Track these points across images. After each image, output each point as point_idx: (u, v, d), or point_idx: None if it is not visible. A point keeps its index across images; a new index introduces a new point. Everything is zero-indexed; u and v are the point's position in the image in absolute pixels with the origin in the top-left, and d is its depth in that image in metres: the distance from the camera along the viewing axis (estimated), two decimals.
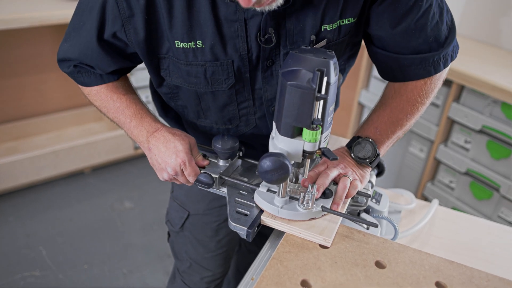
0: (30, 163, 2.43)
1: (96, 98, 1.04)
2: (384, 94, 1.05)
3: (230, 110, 1.01)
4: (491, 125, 1.94)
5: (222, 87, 0.95)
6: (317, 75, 0.74)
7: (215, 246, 1.26)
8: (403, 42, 0.93)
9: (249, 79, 0.95)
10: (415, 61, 0.95)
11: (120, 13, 0.86)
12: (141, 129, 0.99)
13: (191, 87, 0.96)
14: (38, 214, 2.39)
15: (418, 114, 1.02)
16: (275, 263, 0.78)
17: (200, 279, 1.32)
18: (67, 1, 2.32)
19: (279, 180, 0.78)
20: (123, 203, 2.54)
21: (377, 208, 1.04)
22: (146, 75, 2.65)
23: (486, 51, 2.25)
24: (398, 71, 0.98)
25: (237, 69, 0.92)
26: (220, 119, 1.03)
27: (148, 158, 1.00)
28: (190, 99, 1.01)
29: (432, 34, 0.93)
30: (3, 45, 2.48)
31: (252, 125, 1.04)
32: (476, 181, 2.08)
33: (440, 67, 0.97)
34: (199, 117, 1.05)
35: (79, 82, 1.03)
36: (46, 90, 2.75)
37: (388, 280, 0.76)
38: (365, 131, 1.02)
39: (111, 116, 1.04)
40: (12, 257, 2.11)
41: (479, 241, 1.08)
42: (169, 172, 0.96)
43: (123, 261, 2.15)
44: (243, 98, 0.99)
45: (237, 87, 0.96)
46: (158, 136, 0.97)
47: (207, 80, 0.93)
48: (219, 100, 0.98)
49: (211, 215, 1.21)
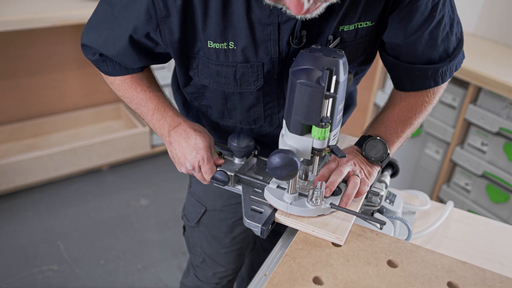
0: (49, 160, 2.49)
1: (119, 88, 1.05)
2: (393, 94, 1.07)
3: (256, 110, 1.02)
4: (508, 127, 1.92)
5: (251, 88, 0.96)
6: (326, 74, 0.75)
7: (229, 242, 1.28)
8: (415, 51, 0.95)
9: (276, 80, 0.96)
10: (425, 72, 0.98)
11: (156, 13, 0.86)
12: (163, 123, 1.01)
13: (219, 87, 0.97)
14: (56, 210, 2.45)
15: (426, 113, 1.04)
16: (288, 259, 0.79)
17: (212, 274, 1.34)
18: (87, 1, 2.37)
19: (288, 176, 0.80)
20: (139, 200, 2.57)
21: (391, 209, 1.04)
22: (164, 74, 2.69)
23: (503, 52, 2.23)
24: (408, 80, 1.01)
25: (267, 72, 0.93)
26: (244, 119, 1.05)
27: (168, 151, 1.02)
28: (216, 99, 1.02)
29: (442, 45, 0.95)
30: (24, 44, 2.53)
31: (275, 124, 1.06)
32: (493, 183, 2.06)
33: (446, 78, 1.01)
34: (223, 117, 1.07)
35: (103, 71, 1.03)
36: (65, 88, 2.80)
37: (400, 279, 0.77)
38: (375, 130, 1.03)
39: (133, 107, 1.05)
40: (30, 251, 2.16)
41: (494, 244, 1.08)
42: (187, 167, 0.99)
43: (138, 257, 2.18)
44: (270, 99, 1.00)
45: (265, 88, 0.97)
46: (180, 131, 0.99)
47: (236, 81, 0.94)
48: (246, 101, 1.00)
49: (228, 212, 1.23)
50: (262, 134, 1.09)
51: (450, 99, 2.14)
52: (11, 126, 2.67)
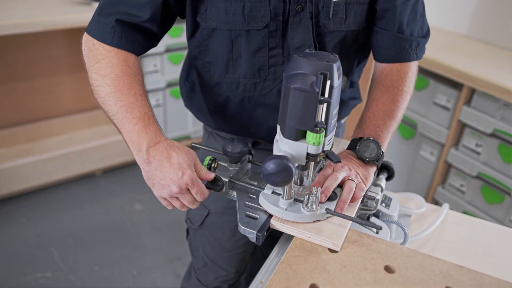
0: (42, 165, 2.46)
1: (113, 83, 0.92)
2: (372, 91, 1.11)
3: (261, 56, 1.03)
4: (502, 128, 1.92)
5: (258, 25, 0.99)
6: (320, 79, 0.75)
7: (232, 246, 1.28)
8: (402, 19, 1.04)
9: (281, 23, 1.00)
10: (410, 43, 1.06)
11: None
12: (143, 137, 0.90)
13: (228, 26, 0.99)
14: (50, 216, 2.42)
15: (406, 103, 1.10)
16: (284, 267, 0.78)
17: (214, 278, 1.33)
18: (79, 5, 2.35)
19: (282, 182, 0.79)
20: (133, 205, 2.56)
21: (387, 212, 1.03)
22: (157, 78, 2.67)
23: (496, 53, 2.24)
24: (393, 51, 1.08)
25: (273, 8, 0.97)
26: (249, 70, 1.05)
27: (145, 172, 0.92)
28: (222, 47, 1.04)
29: (420, 20, 1.07)
30: (17, 49, 2.51)
31: (279, 78, 1.07)
32: (488, 185, 2.07)
33: (421, 55, 1.10)
34: (227, 71, 1.07)
35: (107, 41, 0.95)
36: (59, 93, 2.78)
37: (398, 285, 0.76)
38: (364, 131, 1.05)
39: (115, 109, 0.92)
40: (24, 258, 2.13)
41: (490, 246, 1.08)
42: (172, 190, 0.88)
43: (133, 263, 2.17)
44: (274, 44, 1.02)
45: (271, 28, 1.00)
46: (161, 149, 0.90)
47: (245, 17, 0.97)
48: (252, 43, 1.01)
49: (230, 215, 1.23)
50: (265, 96, 1.09)
51: (444, 101, 2.15)
52: (4, 132, 2.64)
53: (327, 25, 1.01)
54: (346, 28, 1.02)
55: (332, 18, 1.00)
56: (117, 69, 0.94)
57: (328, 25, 1.01)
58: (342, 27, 1.02)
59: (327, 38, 1.03)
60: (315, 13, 1.00)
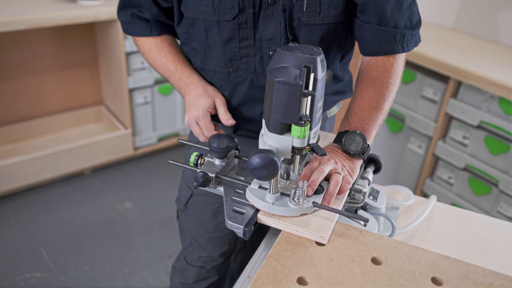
0: (30, 165, 2.44)
1: (149, 52, 1.21)
2: (358, 84, 1.10)
3: (232, 46, 1.06)
4: (489, 120, 1.94)
5: (227, 17, 1.02)
6: (304, 72, 0.74)
7: (213, 228, 1.31)
8: (385, 12, 1.02)
9: (252, 15, 1.01)
10: (394, 35, 1.05)
11: None
12: (181, 82, 1.15)
13: (202, 17, 1.04)
14: (39, 216, 2.40)
15: (392, 95, 1.09)
16: (271, 261, 0.78)
17: (197, 257, 1.37)
18: (64, 2, 2.33)
19: (268, 176, 0.79)
20: (123, 203, 2.54)
21: (374, 205, 1.04)
22: (145, 75, 2.66)
23: (483, 46, 2.25)
24: (376, 44, 1.06)
25: (242, 1, 1.00)
26: (222, 59, 1.09)
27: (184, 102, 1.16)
28: (200, 36, 1.09)
29: (407, 11, 1.04)
30: (1, 48, 2.48)
31: (251, 69, 1.09)
32: (475, 176, 2.09)
33: (410, 47, 1.08)
34: (206, 59, 1.13)
35: (131, 32, 1.21)
36: (45, 92, 2.75)
37: (385, 276, 0.77)
38: (350, 124, 1.04)
39: (160, 71, 1.21)
40: (13, 259, 2.11)
41: (478, 237, 1.09)
42: (186, 119, 1.11)
43: (124, 261, 2.16)
44: (245, 35, 1.04)
45: (240, 20, 1.02)
46: (192, 88, 1.12)
47: (214, 8, 1.01)
48: (223, 34, 1.04)
49: (211, 197, 1.26)
50: (238, 85, 1.13)
51: (431, 94, 2.16)
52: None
53: (301, 18, 1.01)
54: (321, 21, 1.02)
55: (306, 11, 1.00)
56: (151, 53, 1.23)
57: (302, 18, 1.01)
58: (316, 20, 1.02)
59: (302, 31, 1.03)
60: (288, 6, 1.00)
